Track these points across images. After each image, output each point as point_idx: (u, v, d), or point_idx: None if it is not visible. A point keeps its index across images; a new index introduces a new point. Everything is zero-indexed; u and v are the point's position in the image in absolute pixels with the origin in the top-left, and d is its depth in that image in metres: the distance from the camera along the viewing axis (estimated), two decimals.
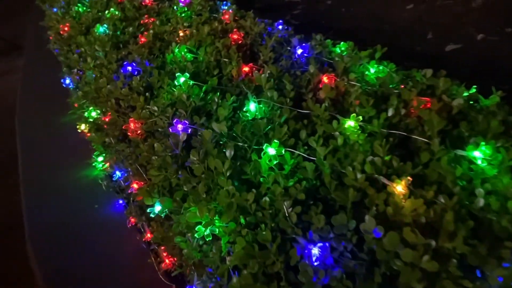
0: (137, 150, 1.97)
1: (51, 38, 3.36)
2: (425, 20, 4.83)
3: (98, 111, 2.52)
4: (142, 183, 2.07)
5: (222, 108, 1.75)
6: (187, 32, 2.60)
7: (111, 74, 2.28)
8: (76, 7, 3.36)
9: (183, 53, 2.29)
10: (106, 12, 3.15)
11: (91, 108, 2.61)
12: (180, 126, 1.70)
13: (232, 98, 1.86)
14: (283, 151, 1.49)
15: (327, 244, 1.18)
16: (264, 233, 1.29)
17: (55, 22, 3.30)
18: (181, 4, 3.05)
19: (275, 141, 1.49)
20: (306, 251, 1.19)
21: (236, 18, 2.85)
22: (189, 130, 1.71)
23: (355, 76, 1.91)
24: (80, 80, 2.68)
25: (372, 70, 1.99)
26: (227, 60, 2.21)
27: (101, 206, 3.22)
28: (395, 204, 1.25)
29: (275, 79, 1.96)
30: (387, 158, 1.41)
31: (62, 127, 4.14)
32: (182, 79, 1.95)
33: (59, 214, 3.27)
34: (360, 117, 1.60)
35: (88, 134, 2.89)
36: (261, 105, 1.79)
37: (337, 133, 1.55)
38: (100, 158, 2.96)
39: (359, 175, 1.35)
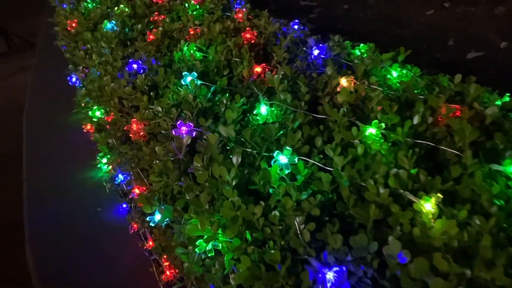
0: (140, 153, 1.83)
1: (59, 34, 3.25)
2: (446, 26, 4.66)
3: (102, 111, 2.40)
4: (144, 188, 1.93)
5: (230, 110, 1.61)
6: (197, 30, 2.47)
7: (116, 71, 2.15)
8: (86, 3, 3.25)
9: (192, 51, 2.15)
10: (116, 8, 3.03)
11: (95, 107, 2.49)
12: (184, 129, 1.56)
13: (242, 100, 1.71)
14: (296, 160, 1.34)
15: (344, 268, 1.03)
16: (272, 252, 1.14)
17: (63, 17, 3.19)
18: (193, 1, 2.92)
19: (288, 148, 1.34)
20: (319, 275, 1.04)
21: (250, 17, 2.71)
22: (194, 133, 1.57)
23: (377, 79, 1.75)
24: (86, 78, 2.56)
25: (395, 74, 1.84)
26: (238, 59, 2.07)
27: (104, 210, 3.09)
28: (423, 224, 1.09)
29: (289, 80, 1.81)
30: (413, 171, 1.25)
31: (69, 126, 4.04)
32: (189, 79, 1.81)
33: (60, 216, 3.15)
34: (383, 124, 1.44)
35: (94, 135, 2.77)
36: (273, 108, 1.64)
37: (356, 141, 1.40)
38: (105, 160, 2.84)
39: (381, 190, 1.19)
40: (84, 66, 2.61)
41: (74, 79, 3.06)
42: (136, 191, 1.97)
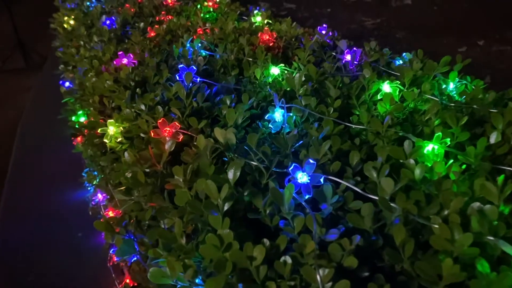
0: (116, 165, 1.40)
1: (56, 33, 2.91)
2: (480, 64, 4.30)
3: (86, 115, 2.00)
4: (120, 211, 1.50)
5: (233, 110, 1.18)
6: (207, 30, 2.08)
7: (101, 66, 1.76)
8: (89, 2, 2.92)
9: (196, 47, 1.76)
10: (120, 9, 2.69)
11: (80, 111, 2.08)
12: (168, 130, 1.14)
13: (251, 100, 1.29)
14: (321, 180, 0.90)
15: None
16: None
17: (61, 14, 2.86)
18: (206, 3, 2.56)
19: (311, 161, 0.91)
20: None
21: (270, 22, 2.33)
22: (181, 138, 1.15)
23: (430, 88, 1.32)
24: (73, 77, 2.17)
25: (452, 85, 1.40)
26: (251, 59, 1.66)
27: (86, 235, 2.64)
28: None
29: (314, 83, 1.39)
30: (505, 209, 0.80)
31: (60, 141, 3.62)
32: (185, 73, 1.40)
33: (35, 239, 2.70)
34: (448, 140, 1.00)
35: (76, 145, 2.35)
36: (291, 114, 1.22)
37: (411, 161, 0.95)
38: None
39: (457, 234, 0.74)
40: (73, 64, 2.23)
41: (67, 84, 2.68)
42: (110, 213, 1.54)
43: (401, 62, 1.69)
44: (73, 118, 2.16)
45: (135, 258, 1.01)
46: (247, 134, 1.08)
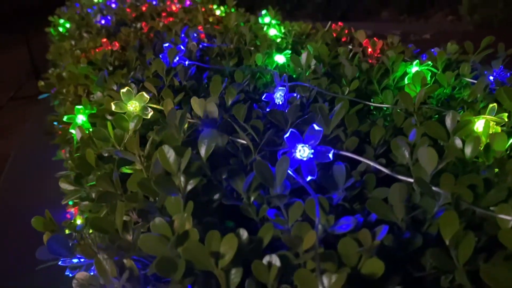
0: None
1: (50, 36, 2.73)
2: None
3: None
4: None
5: (218, 81, 0.92)
6: (207, 25, 1.86)
7: (82, 55, 1.52)
8: (90, 9, 2.75)
9: (192, 37, 1.52)
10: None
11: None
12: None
13: (247, 78, 1.04)
14: (330, 155, 0.63)
15: None
16: None
17: (56, 17, 2.68)
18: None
19: (316, 127, 0.64)
20: None
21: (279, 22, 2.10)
22: (150, 114, 0.89)
23: (469, 70, 1.06)
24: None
25: (496, 72, 1.13)
26: (252, 48, 1.42)
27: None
28: None
29: (326, 65, 1.14)
30: None
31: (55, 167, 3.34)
32: (169, 49, 1.15)
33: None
34: (505, 115, 0.73)
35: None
36: (294, 94, 0.95)
37: (456, 140, 0.67)
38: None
39: None
40: (59, 62, 2.01)
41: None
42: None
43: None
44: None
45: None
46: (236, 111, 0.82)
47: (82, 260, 0.65)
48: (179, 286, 0.51)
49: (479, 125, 0.72)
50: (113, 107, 0.88)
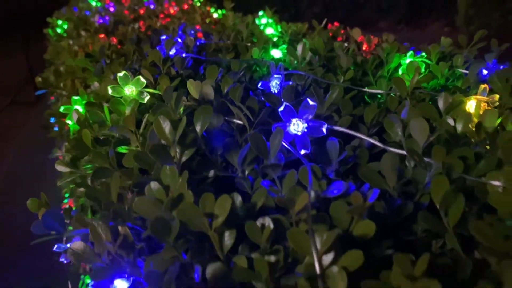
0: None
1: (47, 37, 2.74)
2: None
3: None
4: None
5: (214, 67, 0.93)
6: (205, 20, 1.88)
7: (79, 50, 1.53)
8: (88, 11, 2.76)
9: (189, 34, 1.54)
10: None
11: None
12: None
13: (243, 67, 1.05)
14: (324, 129, 0.64)
15: None
16: None
17: (54, 19, 2.69)
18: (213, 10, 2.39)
19: (310, 102, 0.64)
20: None
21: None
22: (146, 98, 0.90)
23: (463, 62, 1.07)
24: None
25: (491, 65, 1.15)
26: (249, 44, 1.44)
27: None
28: None
29: (321, 57, 1.15)
30: None
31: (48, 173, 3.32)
32: (166, 40, 1.17)
33: None
34: (497, 96, 0.75)
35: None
36: (290, 82, 0.96)
37: (448, 119, 0.68)
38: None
39: None
40: (56, 61, 2.02)
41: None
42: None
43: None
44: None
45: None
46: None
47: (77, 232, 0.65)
48: (173, 250, 0.51)
49: (470, 105, 0.73)
50: (109, 91, 0.89)
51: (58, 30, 2.48)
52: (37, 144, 4.10)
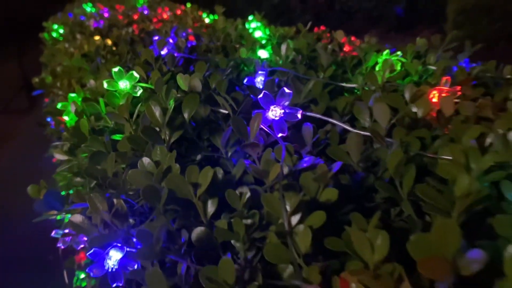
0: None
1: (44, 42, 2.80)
2: None
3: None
4: None
5: (202, 63, 1.00)
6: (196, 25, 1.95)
7: (75, 51, 1.60)
8: (83, 16, 2.84)
9: (181, 36, 1.61)
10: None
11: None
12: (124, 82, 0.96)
13: (231, 64, 1.13)
14: (298, 116, 0.71)
15: None
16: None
17: (50, 23, 2.76)
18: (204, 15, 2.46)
19: (286, 90, 0.72)
20: None
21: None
22: (139, 92, 0.97)
23: (435, 59, 1.15)
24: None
25: (465, 63, 1.23)
26: (238, 45, 1.51)
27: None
28: None
29: (304, 57, 1.23)
30: None
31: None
32: (158, 40, 1.24)
33: None
34: (459, 87, 0.82)
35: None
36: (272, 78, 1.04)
37: (413, 106, 0.76)
38: None
39: (474, 162, 0.54)
40: (52, 63, 2.09)
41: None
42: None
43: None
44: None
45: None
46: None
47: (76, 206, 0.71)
48: (163, 217, 0.58)
49: (434, 95, 0.81)
50: (105, 85, 0.96)
51: (54, 34, 2.55)
52: (31, 150, 4.16)
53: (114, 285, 0.61)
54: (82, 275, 1.59)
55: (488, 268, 0.40)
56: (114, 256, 0.62)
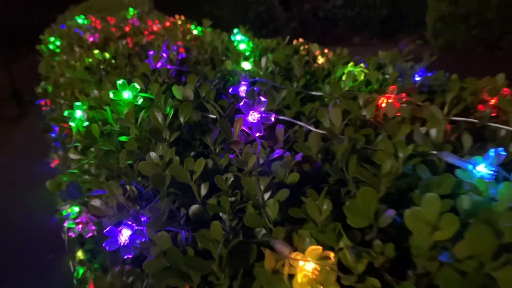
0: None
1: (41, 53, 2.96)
2: None
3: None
4: None
5: (193, 76, 1.18)
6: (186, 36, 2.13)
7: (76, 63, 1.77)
8: (78, 29, 3.00)
9: (173, 50, 1.79)
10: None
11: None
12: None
13: (218, 75, 1.31)
14: (272, 119, 0.89)
15: None
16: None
17: (47, 35, 2.92)
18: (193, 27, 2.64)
19: (262, 98, 0.90)
20: None
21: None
22: (140, 100, 1.14)
23: (393, 69, 1.34)
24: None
25: (420, 74, 1.42)
26: (224, 58, 1.69)
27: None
28: None
29: (282, 68, 1.41)
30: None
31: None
32: (153, 54, 1.41)
33: None
34: (404, 94, 1.01)
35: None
36: (254, 88, 1.22)
37: (364, 111, 0.95)
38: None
39: (401, 151, 0.73)
40: (50, 74, 2.25)
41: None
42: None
43: None
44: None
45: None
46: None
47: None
48: (166, 199, 0.76)
49: (383, 101, 1.00)
50: (111, 95, 1.13)
51: (51, 47, 2.70)
52: (22, 157, 4.31)
53: (125, 257, 0.78)
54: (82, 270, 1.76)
55: (406, 229, 0.58)
56: (126, 233, 0.79)
